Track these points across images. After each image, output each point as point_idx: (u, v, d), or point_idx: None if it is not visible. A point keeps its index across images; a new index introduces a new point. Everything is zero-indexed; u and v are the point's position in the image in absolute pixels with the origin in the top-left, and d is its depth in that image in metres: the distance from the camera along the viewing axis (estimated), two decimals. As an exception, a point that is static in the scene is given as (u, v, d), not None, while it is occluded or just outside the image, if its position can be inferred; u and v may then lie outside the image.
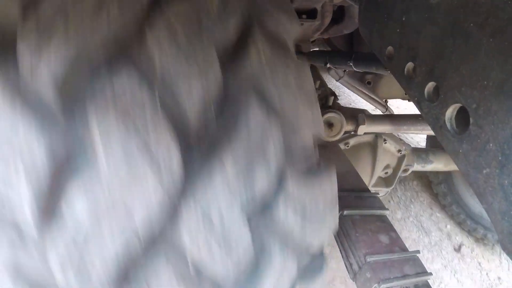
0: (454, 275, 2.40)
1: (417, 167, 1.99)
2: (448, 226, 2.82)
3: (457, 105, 0.43)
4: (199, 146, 0.46)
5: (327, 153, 1.38)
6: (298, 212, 0.56)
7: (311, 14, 1.40)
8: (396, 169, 1.91)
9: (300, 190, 0.57)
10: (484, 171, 0.38)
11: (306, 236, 0.59)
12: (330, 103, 1.63)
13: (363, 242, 0.96)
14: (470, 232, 2.72)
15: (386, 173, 1.94)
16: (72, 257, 0.47)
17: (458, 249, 2.62)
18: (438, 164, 2.00)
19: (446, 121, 0.45)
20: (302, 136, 0.61)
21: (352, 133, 1.67)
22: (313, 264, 0.66)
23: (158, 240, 0.46)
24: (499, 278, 2.46)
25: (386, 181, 1.99)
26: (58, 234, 0.48)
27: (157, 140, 0.43)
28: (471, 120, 0.40)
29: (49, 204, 0.47)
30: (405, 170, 1.97)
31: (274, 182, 0.52)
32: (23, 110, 0.45)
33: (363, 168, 1.82)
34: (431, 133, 1.74)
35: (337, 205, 0.69)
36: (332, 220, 0.68)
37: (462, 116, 0.43)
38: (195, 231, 0.46)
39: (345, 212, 1.06)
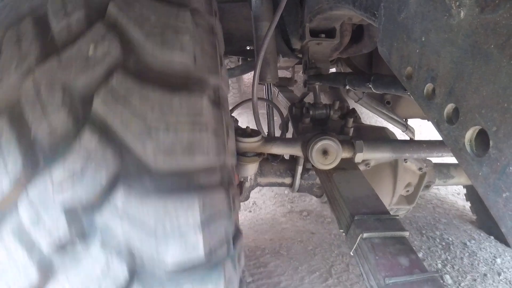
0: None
1: (439, 182, 1.97)
2: None
3: (477, 128, 0.42)
4: (44, 161, 0.69)
5: (347, 177, 1.39)
6: (129, 224, 0.70)
7: (330, 33, 1.41)
8: (417, 186, 1.90)
9: (135, 207, 0.70)
10: (504, 195, 0.37)
11: (144, 247, 0.72)
12: (350, 124, 1.62)
13: (382, 265, 0.95)
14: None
15: (408, 191, 1.93)
16: None
17: None
18: (460, 179, 1.96)
19: (465, 144, 0.44)
20: (148, 163, 0.71)
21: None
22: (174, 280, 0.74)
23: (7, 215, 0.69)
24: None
25: (407, 199, 1.98)
26: None
27: (8, 151, 0.68)
28: (491, 143, 0.39)
29: None
30: (427, 186, 1.96)
31: (100, 195, 0.69)
32: None
33: (385, 188, 1.81)
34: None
35: (199, 233, 0.74)
36: (193, 244, 0.74)
37: (482, 138, 0.42)
38: (33, 212, 0.68)
39: (365, 235, 1.05)
